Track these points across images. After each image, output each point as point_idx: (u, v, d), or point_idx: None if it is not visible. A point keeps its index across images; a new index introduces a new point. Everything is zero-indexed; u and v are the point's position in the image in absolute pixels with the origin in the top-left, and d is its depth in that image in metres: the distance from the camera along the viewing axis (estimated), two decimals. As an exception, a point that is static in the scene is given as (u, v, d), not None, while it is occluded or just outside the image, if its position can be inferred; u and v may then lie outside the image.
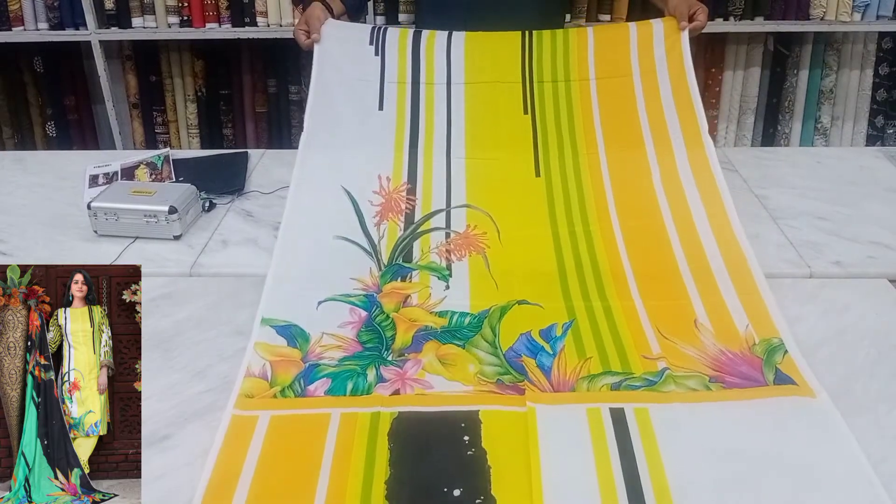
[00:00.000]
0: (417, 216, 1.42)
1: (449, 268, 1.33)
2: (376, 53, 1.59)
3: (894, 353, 1.14)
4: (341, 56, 1.59)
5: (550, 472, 0.93)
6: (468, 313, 1.23)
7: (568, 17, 2.49)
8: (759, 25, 2.57)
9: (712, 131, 2.79)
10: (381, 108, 1.56)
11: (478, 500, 0.91)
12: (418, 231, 1.40)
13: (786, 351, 1.12)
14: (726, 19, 2.57)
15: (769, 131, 2.80)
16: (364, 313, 1.24)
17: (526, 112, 1.53)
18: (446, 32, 1.60)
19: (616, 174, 1.46)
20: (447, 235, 1.39)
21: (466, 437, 0.99)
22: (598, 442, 0.97)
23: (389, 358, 1.15)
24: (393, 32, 1.61)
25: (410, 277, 1.31)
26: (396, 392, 1.07)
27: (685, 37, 1.56)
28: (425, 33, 1.61)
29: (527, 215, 1.42)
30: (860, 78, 2.71)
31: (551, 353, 1.14)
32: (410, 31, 1.61)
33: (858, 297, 1.27)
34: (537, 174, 1.47)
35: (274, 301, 1.24)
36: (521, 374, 1.11)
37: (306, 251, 1.35)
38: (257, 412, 1.04)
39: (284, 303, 1.24)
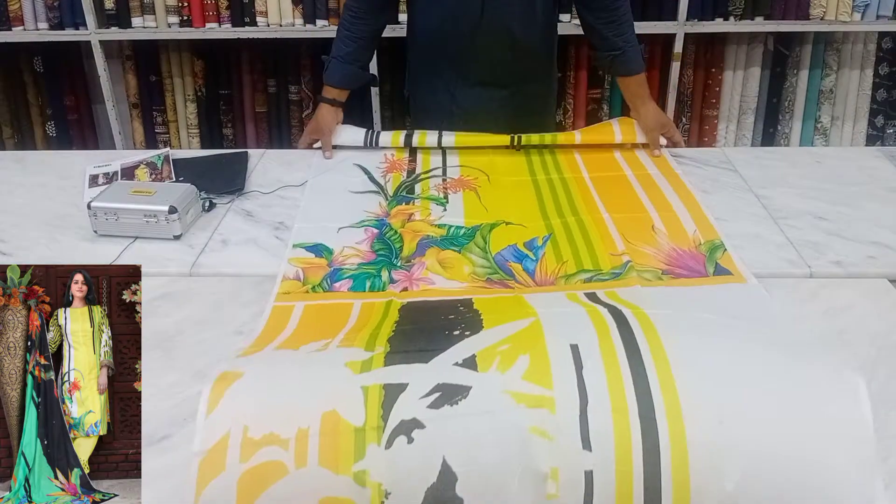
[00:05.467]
0: (418, 171, 1.70)
1: (446, 197, 1.57)
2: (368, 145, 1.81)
3: (894, 353, 1.14)
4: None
5: (538, 305, 1.04)
6: (463, 226, 1.46)
7: (568, 16, 2.50)
8: (759, 25, 2.57)
9: (712, 131, 2.80)
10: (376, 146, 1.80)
11: (468, 315, 1.02)
12: (419, 177, 1.67)
13: (725, 249, 1.35)
14: (726, 19, 2.57)
15: (769, 131, 2.80)
16: (376, 231, 1.47)
17: (512, 144, 1.76)
18: (437, 132, 1.77)
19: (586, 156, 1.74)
20: (444, 179, 1.66)
21: (462, 306, 1.10)
22: (574, 299, 1.11)
23: (399, 263, 1.35)
24: (385, 134, 1.80)
25: (414, 203, 1.56)
26: (405, 289, 1.27)
27: (667, 158, 1.74)
28: (417, 133, 1.79)
29: (510, 171, 1.69)
30: (860, 78, 2.72)
31: (534, 259, 1.34)
32: (402, 133, 1.79)
33: (858, 297, 1.27)
34: (519, 150, 1.77)
35: (301, 232, 1.47)
36: (508, 275, 1.30)
37: (327, 202, 1.60)
38: (293, 302, 1.23)
39: (310, 233, 1.47)
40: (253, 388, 0.90)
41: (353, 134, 1.82)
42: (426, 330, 0.99)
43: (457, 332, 0.94)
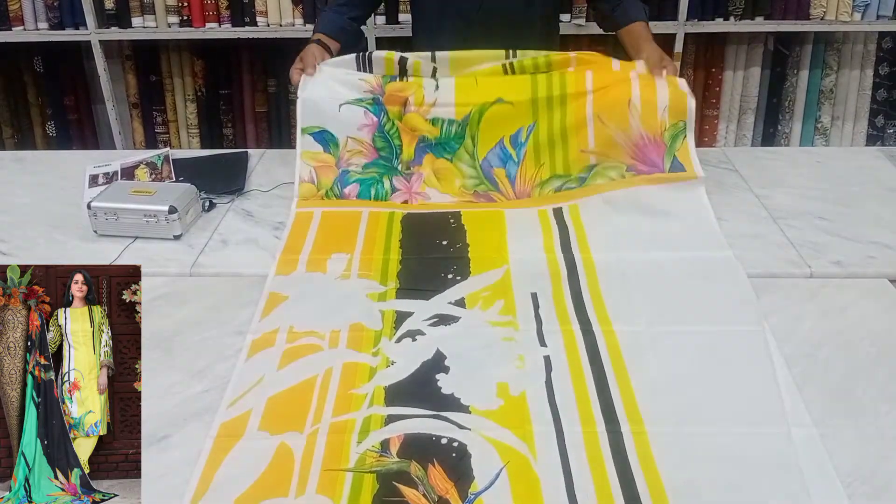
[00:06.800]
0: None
1: (437, 80, 1.60)
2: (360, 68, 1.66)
3: (894, 353, 1.14)
4: (328, 78, 1.65)
5: (511, 240, 1.40)
6: (454, 120, 1.57)
7: (568, 16, 2.49)
8: (759, 25, 2.57)
9: (712, 131, 2.79)
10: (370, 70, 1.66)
11: (458, 246, 1.38)
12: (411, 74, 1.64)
13: (685, 136, 1.48)
14: (726, 19, 2.57)
15: (769, 131, 2.80)
16: (375, 118, 1.59)
17: (504, 70, 1.62)
18: (429, 54, 1.63)
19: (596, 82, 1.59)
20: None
21: (452, 220, 1.47)
22: (545, 226, 1.44)
23: (399, 168, 1.57)
24: (378, 54, 1.65)
25: (406, 78, 1.61)
26: (405, 202, 1.53)
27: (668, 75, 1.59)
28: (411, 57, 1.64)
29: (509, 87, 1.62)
30: (860, 78, 2.72)
31: (516, 161, 1.55)
32: (397, 56, 1.64)
33: (858, 297, 1.27)
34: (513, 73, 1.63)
35: (306, 111, 1.58)
36: (493, 185, 1.54)
37: (325, 81, 1.61)
38: (312, 209, 1.51)
39: (313, 110, 1.58)
40: (296, 305, 1.25)
41: (344, 61, 1.66)
42: (426, 270, 1.32)
43: (450, 277, 1.30)
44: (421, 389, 1.06)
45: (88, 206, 1.47)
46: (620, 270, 1.30)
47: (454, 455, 0.94)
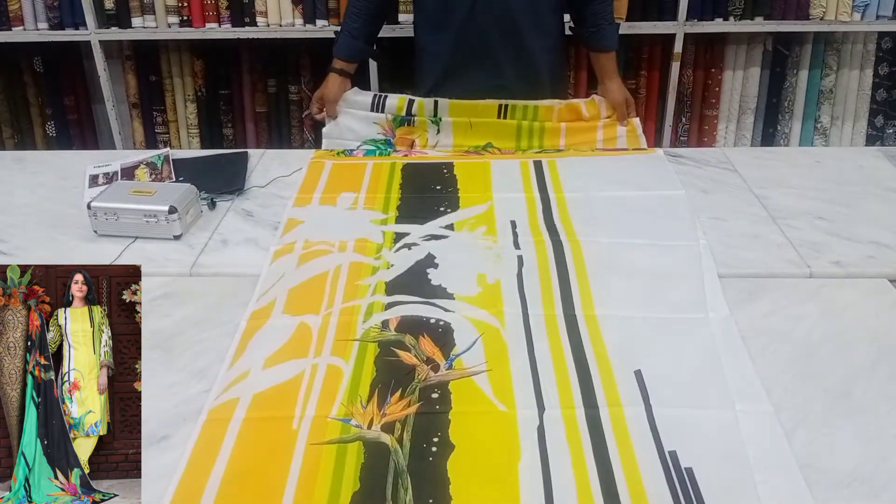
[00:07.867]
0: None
1: (439, 120, 1.88)
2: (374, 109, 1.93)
3: (894, 353, 1.14)
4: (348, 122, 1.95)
5: (495, 183, 1.65)
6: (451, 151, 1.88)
7: (567, 17, 2.49)
8: (759, 25, 2.57)
9: (712, 131, 2.80)
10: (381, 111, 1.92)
11: (449, 190, 1.62)
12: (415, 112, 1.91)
13: (644, 148, 1.85)
14: (726, 19, 2.57)
15: (769, 131, 2.80)
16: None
17: (499, 114, 1.90)
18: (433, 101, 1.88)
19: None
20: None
21: (446, 171, 1.72)
22: (525, 174, 1.69)
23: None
24: (392, 98, 1.89)
25: (413, 122, 1.88)
26: (406, 156, 1.80)
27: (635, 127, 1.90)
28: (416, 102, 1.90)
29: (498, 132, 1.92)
30: (860, 78, 2.72)
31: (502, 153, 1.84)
32: (406, 99, 1.88)
33: (858, 297, 1.27)
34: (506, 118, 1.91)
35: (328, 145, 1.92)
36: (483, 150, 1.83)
37: (345, 123, 1.93)
38: (325, 160, 1.77)
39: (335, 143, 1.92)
40: (310, 226, 1.49)
41: (361, 97, 1.92)
42: (421, 204, 1.57)
43: (441, 209, 1.54)
44: (414, 281, 1.31)
45: (88, 206, 1.47)
46: (588, 204, 1.55)
47: (440, 330, 1.19)
